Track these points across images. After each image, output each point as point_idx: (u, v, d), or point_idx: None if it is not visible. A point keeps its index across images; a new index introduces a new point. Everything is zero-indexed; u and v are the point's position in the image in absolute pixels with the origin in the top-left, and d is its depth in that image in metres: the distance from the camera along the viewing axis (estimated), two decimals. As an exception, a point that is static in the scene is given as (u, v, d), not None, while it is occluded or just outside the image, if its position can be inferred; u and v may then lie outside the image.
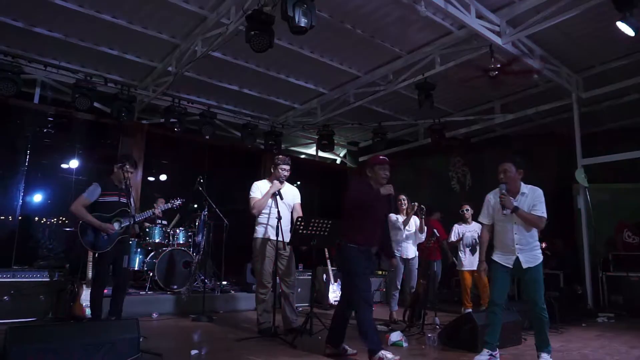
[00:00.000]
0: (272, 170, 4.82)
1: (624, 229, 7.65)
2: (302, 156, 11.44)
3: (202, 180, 6.17)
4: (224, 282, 7.17)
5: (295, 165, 10.62)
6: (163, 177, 9.85)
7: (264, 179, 9.64)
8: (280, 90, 8.24)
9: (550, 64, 6.82)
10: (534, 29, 5.59)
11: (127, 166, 4.43)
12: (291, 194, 4.83)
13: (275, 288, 4.53)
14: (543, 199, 3.78)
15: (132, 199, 4.59)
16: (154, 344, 3.90)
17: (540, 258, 3.75)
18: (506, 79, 6.11)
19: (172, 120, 7.59)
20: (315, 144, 9.79)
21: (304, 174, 11.10)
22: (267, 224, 4.58)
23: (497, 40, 5.71)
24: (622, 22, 4.88)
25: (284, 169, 4.75)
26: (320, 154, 10.88)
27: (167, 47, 6.68)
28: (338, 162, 11.70)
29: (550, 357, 3.60)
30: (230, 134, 9.19)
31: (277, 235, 4.37)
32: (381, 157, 4.02)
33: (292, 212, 4.83)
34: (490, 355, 3.68)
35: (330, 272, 7.24)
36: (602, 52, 6.76)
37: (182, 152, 9.20)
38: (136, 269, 6.80)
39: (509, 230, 3.75)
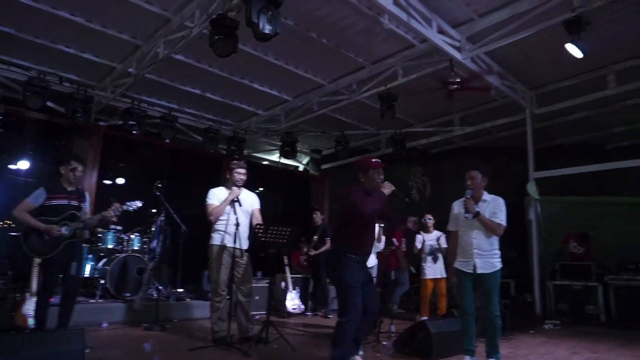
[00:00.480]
0: (227, 176, 4.73)
1: (571, 239, 8.02)
2: (265, 162, 11.37)
3: (160, 185, 6.02)
4: (180, 290, 6.99)
5: (257, 172, 10.78)
6: (120, 181, 9.54)
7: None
8: (243, 96, 8.18)
9: (507, 80, 7.10)
10: (492, 45, 5.81)
11: (78, 167, 4.25)
12: (250, 200, 4.76)
13: (231, 296, 4.44)
14: (504, 208, 3.94)
15: (86, 202, 4.41)
16: (102, 355, 3.75)
17: (498, 266, 3.88)
18: (465, 93, 6.29)
19: (130, 122, 7.37)
20: (278, 151, 9.76)
21: (266, 180, 11.05)
22: (224, 231, 4.49)
23: (457, 55, 5.89)
24: (571, 44, 5.13)
25: (240, 173, 4.66)
26: (283, 160, 10.83)
27: (127, 48, 6.50)
28: (301, 169, 11.69)
29: None
30: (192, 138, 9.02)
31: (234, 242, 4.30)
32: (374, 160, 3.81)
33: (250, 219, 4.76)
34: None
35: (289, 279, 7.20)
36: (555, 71, 7.10)
37: (141, 155, 8.94)
38: (87, 276, 6.51)
39: (469, 235, 3.88)
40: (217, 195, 4.59)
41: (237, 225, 4.33)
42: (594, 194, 8.68)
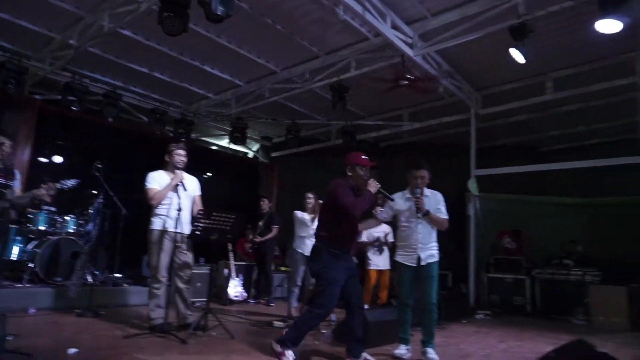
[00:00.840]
0: (166, 159, 4.56)
1: (505, 235, 8.49)
2: (214, 147, 11.13)
3: (99, 165, 5.74)
4: (117, 275, 6.74)
5: (205, 157, 10.52)
6: (58, 159, 9.00)
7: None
8: (193, 78, 7.93)
9: (455, 79, 7.34)
10: (442, 45, 5.97)
11: (5, 143, 3.97)
12: (192, 185, 4.64)
13: (170, 282, 4.33)
14: (444, 202, 4.09)
15: (15, 180, 4.12)
16: (26, 343, 3.54)
17: (437, 257, 4.03)
18: (414, 88, 6.44)
19: (70, 98, 6.94)
20: (227, 136, 9.58)
21: (215, 165, 10.81)
22: (165, 215, 4.35)
23: (409, 51, 6.01)
24: (515, 49, 5.37)
25: (180, 155, 4.50)
26: (233, 146, 10.66)
27: (69, 18, 6.09)
28: (250, 156, 11.55)
29: (435, 352, 3.87)
30: (137, 118, 8.66)
31: (176, 227, 4.18)
32: (363, 156, 3.72)
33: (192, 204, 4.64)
34: (407, 349, 3.97)
35: (233, 266, 7.12)
36: (499, 74, 7.42)
37: (81, 133, 8.46)
38: (14, 259, 6.11)
39: (413, 229, 3.94)
40: (156, 179, 4.42)
41: (180, 210, 4.21)
42: (528, 193, 9.21)
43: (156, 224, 4.38)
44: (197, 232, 4.21)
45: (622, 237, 7.71)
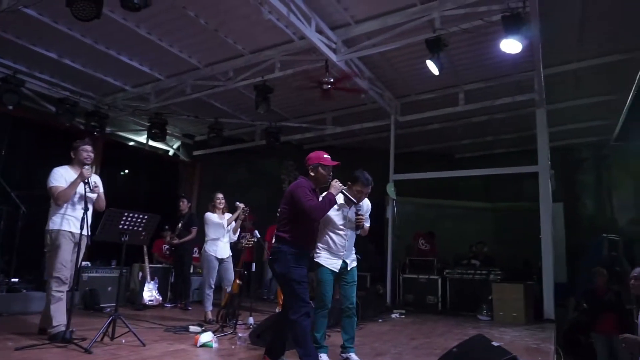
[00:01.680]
0: (72, 155, 4.24)
1: (420, 237, 8.94)
2: (131, 143, 10.55)
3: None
4: (15, 280, 6.12)
5: (121, 152, 9.94)
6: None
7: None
8: (109, 68, 7.45)
9: (376, 86, 7.60)
10: (364, 52, 6.18)
11: None
12: (96, 182, 4.29)
13: (72, 287, 4.00)
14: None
15: None
16: None
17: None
18: (337, 93, 6.57)
19: (-41, 80, 6.21)
20: (146, 132, 9.12)
21: (132, 162, 10.26)
22: (71, 215, 4.03)
23: (332, 56, 6.13)
24: (430, 60, 5.69)
25: (87, 150, 4.19)
26: (152, 143, 10.17)
27: (-40, -9, 5.44)
28: (171, 153, 11.10)
29: (356, 355, 3.86)
30: (44, 108, 7.95)
31: (81, 228, 3.87)
32: (326, 155, 3.57)
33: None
34: (327, 357, 3.82)
35: (147, 269, 6.78)
36: (417, 84, 7.82)
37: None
38: None
39: (341, 236, 3.87)
40: (63, 176, 4.06)
41: (87, 209, 3.90)
42: (441, 198, 9.81)
43: (58, 223, 4.01)
44: (109, 229, 3.93)
45: (520, 238, 8.46)
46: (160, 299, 6.91)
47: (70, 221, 4.05)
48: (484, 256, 8.45)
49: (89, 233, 4.02)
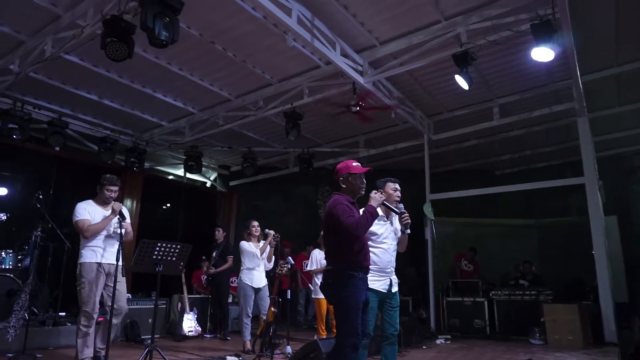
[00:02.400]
0: (97, 190, 4.34)
1: (462, 258, 8.59)
2: (170, 177, 10.87)
3: (41, 196, 5.44)
4: (61, 314, 6.30)
5: (161, 187, 10.23)
6: (2, 191, 8.52)
7: (126, 197, 8.84)
8: (145, 106, 7.77)
9: (406, 106, 7.52)
10: (391, 72, 6.13)
11: None
12: (126, 214, 4.39)
13: (110, 318, 4.03)
14: None
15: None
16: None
17: None
18: (366, 114, 6.54)
19: (10, 125, 6.62)
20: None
21: (171, 196, 10.54)
22: (96, 246, 4.10)
23: (360, 79, 6.12)
24: (459, 75, 5.57)
25: (111, 191, 4.27)
26: (189, 175, 10.44)
27: (9, 42, 5.86)
28: (208, 185, 11.34)
29: None
30: (87, 147, 8.36)
31: (117, 260, 3.93)
32: (355, 163, 3.32)
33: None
34: None
35: (186, 300, 6.82)
36: (448, 101, 7.69)
37: (25, 163, 8.06)
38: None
39: (388, 251, 3.57)
40: (87, 210, 4.17)
41: (121, 242, 3.97)
42: (482, 216, 9.44)
43: (87, 256, 4.10)
44: (143, 259, 3.99)
45: (569, 256, 7.97)
46: (200, 329, 6.91)
47: (97, 252, 4.11)
48: (532, 275, 7.99)
49: (123, 264, 4.08)
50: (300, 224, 10.20)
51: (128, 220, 4.40)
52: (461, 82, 5.66)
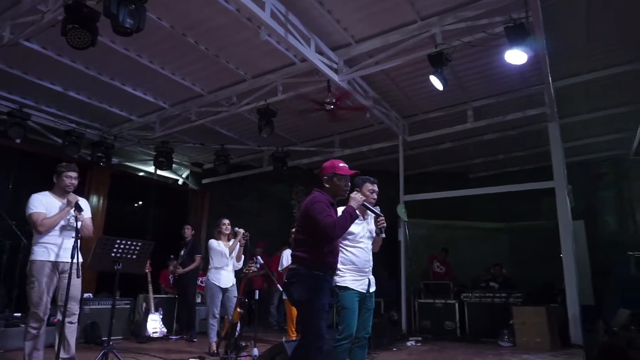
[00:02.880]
0: (54, 180, 4.07)
1: (434, 259, 8.59)
2: (141, 174, 10.55)
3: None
4: (17, 314, 5.99)
5: (129, 183, 9.92)
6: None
7: (92, 194, 8.53)
8: (114, 99, 7.48)
9: (382, 106, 7.47)
10: (366, 71, 6.07)
11: None
12: (84, 207, 4.06)
13: (63, 319, 3.78)
14: None
15: None
16: None
17: None
18: (340, 113, 6.45)
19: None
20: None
21: (140, 192, 10.25)
22: (50, 243, 3.81)
23: (334, 76, 6.03)
24: (434, 76, 5.55)
25: (71, 177, 3.99)
26: (161, 172, 10.15)
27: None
28: (180, 182, 11.06)
29: None
30: (50, 140, 8.02)
31: (72, 257, 3.68)
32: (342, 164, 3.22)
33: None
34: None
35: (152, 300, 6.59)
36: (424, 102, 7.68)
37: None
38: None
39: (365, 251, 3.49)
40: (42, 202, 3.88)
41: (78, 237, 3.72)
42: (455, 219, 9.49)
43: (38, 253, 3.80)
44: (100, 257, 3.78)
45: (539, 259, 8.07)
46: (165, 330, 6.69)
47: (50, 250, 3.82)
48: (502, 278, 8.05)
49: (80, 261, 3.85)
50: (275, 224, 10.04)
51: (88, 214, 4.14)
52: (436, 82, 5.64)
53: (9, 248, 6.02)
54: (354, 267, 3.42)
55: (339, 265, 3.37)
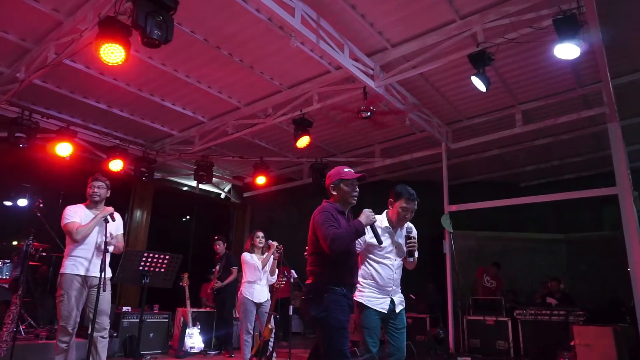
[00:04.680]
0: (86, 195, 4.06)
1: (484, 274, 8.06)
2: (184, 188, 10.73)
3: (41, 205, 5.30)
4: (57, 327, 6.10)
5: (172, 197, 10.10)
6: (22, 202, 8.59)
7: (135, 208, 8.69)
8: (155, 115, 7.63)
9: (422, 113, 7.15)
10: (403, 75, 5.76)
11: None
12: (117, 222, 4.05)
13: (91, 333, 3.75)
14: None
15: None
16: None
17: None
18: (378, 120, 6.21)
19: (18, 134, 6.57)
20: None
21: (182, 206, 10.40)
22: (80, 257, 3.79)
23: (371, 83, 5.81)
24: (475, 77, 5.19)
25: (95, 186, 4.00)
26: (203, 187, 10.27)
27: (15, 50, 5.81)
28: (222, 196, 11.15)
29: None
30: (96, 156, 8.28)
31: (101, 270, 3.66)
32: (346, 169, 3.05)
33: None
34: None
35: (190, 314, 6.54)
36: (467, 107, 7.28)
37: (38, 172, 8.05)
38: None
39: (389, 269, 3.23)
40: (77, 213, 3.91)
41: (107, 250, 3.70)
42: (507, 230, 8.90)
43: (71, 267, 3.79)
44: (129, 271, 3.72)
45: (602, 273, 7.36)
46: (203, 345, 6.60)
47: (80, 263, 3.81)
48: (560, 294, 7.39)
49: (110, 276, 3.81)
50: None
51: (120, 230, 4.12)
52: (478, 83, 5.28)
53: (54, 261, 6.19)
54: (375, 283, 3.20)
55: (359, 279, 3.16)
